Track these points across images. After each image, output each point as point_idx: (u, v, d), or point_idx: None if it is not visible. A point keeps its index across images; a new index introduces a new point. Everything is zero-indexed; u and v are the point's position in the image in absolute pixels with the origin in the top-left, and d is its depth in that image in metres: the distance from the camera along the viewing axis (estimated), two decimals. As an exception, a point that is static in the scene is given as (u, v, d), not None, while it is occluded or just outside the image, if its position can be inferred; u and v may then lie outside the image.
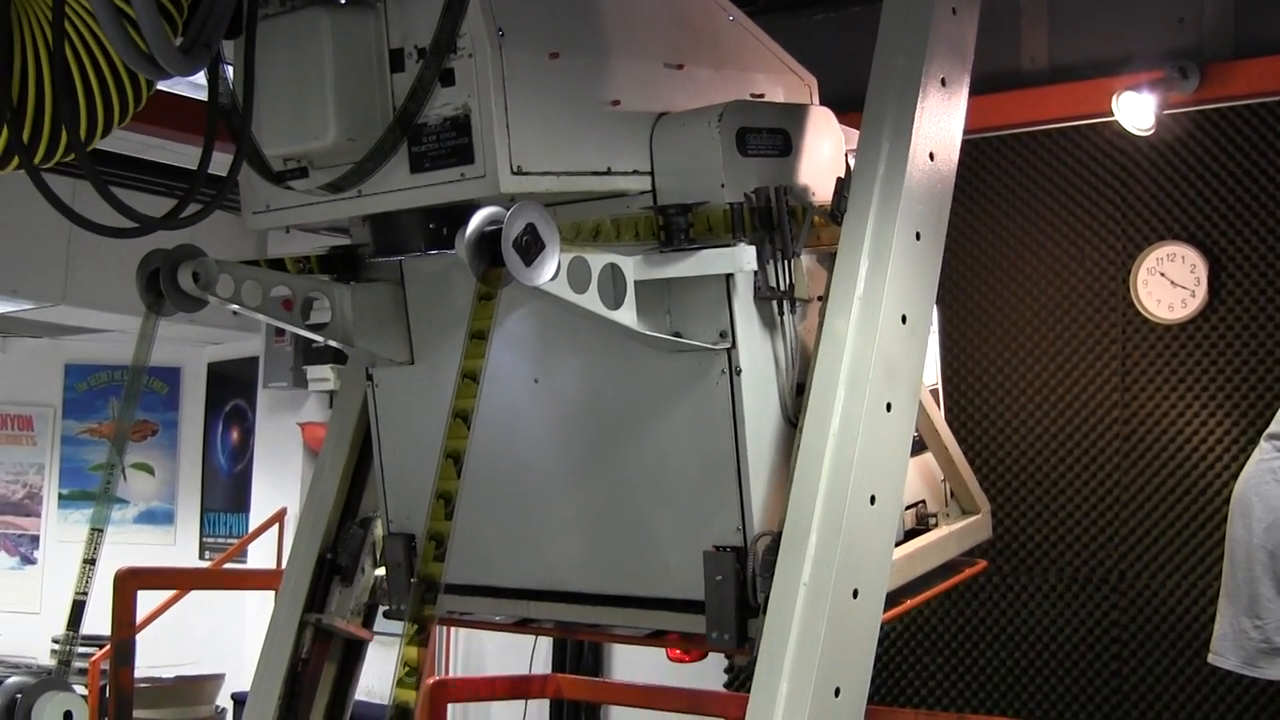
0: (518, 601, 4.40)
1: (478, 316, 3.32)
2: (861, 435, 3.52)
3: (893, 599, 3.94)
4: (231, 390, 14.28)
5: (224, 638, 12.73)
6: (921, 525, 4.63)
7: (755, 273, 3.77)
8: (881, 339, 3.59)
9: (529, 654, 9.33)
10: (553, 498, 4.24)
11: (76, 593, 3.96)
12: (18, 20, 3.39)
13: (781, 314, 3.86)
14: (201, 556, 14.48)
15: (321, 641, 4.81)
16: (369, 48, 3.64)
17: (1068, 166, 7.53)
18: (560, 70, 3.66)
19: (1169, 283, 7.15)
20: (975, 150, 7.57)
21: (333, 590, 4.81)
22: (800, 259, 3.88)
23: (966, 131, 4.02)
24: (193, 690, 12.41)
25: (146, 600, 8.71)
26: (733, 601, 3.75)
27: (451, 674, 10.82)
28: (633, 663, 9.31)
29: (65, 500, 15.24)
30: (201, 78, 3.48)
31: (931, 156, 3.80)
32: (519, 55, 3.53)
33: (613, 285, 3.62)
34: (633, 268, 3.68)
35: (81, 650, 6.15)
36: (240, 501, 13.81)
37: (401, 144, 3.62)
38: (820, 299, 3.84)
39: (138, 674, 7.92)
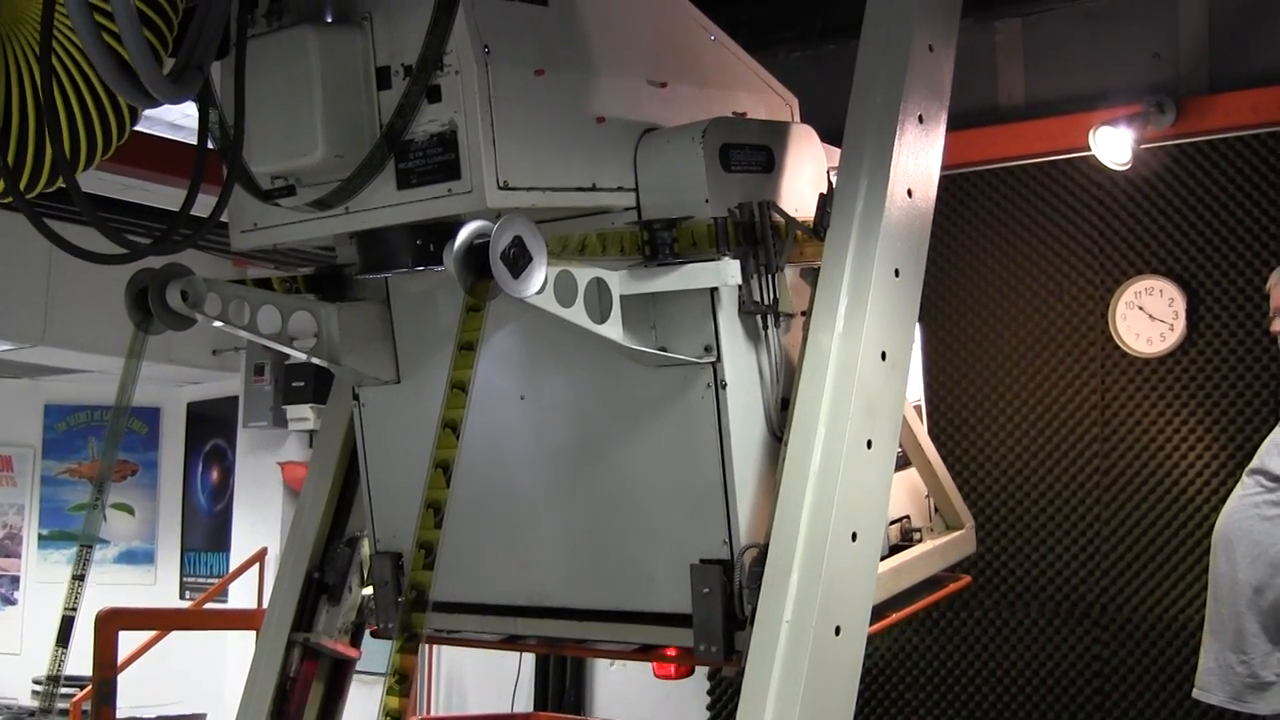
0: (505, 618, 4.41)
1: (466, 329, 3.33)
2: (842, 473, 3.52)
3: (878, 613, 3.96)
4: (211, 430, 14.23)
5: (205, 677, 12.65)
6: (906, 540, 4.66)
7: (739, 287, 3.80)
8: (861, 376, 3.60)
9: (510, 690, 9.31)
10: (539, 514, 4.26)
11: (66, 608, 4.03)
12: (4, 48, 3.40)
13: (766, 328, 3.89)
14: (182, 596, 14.41)
15: (309, 660, 4.83)
16: (356, 66, 3.66)
17: (1046, 201, 7.55)
18: (545, 87, 3.70)
19: (1147, 316, 7.17)
20: (953, 186, 7.58)
21: (320, 609, 4.84)
22: (784, 274, 3.92)
23: (944, 167, 4.04)
24: (174, 730, 12.35)
25: (128, 640, 8.67)
26: (720, 614, 3.76)
27: (433, 712, 10.77)
28: (616, 693, 9.30)
29: (45, 540, 15.16)
30: (178, 115, 3.49)
31: (910, 193, 3.82)
32: (504, 72, 3.57)
33: (599, 300, 3.64)
34: (618, 282, 3.70)
35: (63, 691, 6.12)
36: (220, 541, 13.75)
37: (389, 160, 3.64)
38: (804, 314, 3.88)
39: (119, 714, 7.87)
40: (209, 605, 12.37)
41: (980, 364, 7.62)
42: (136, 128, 3.62)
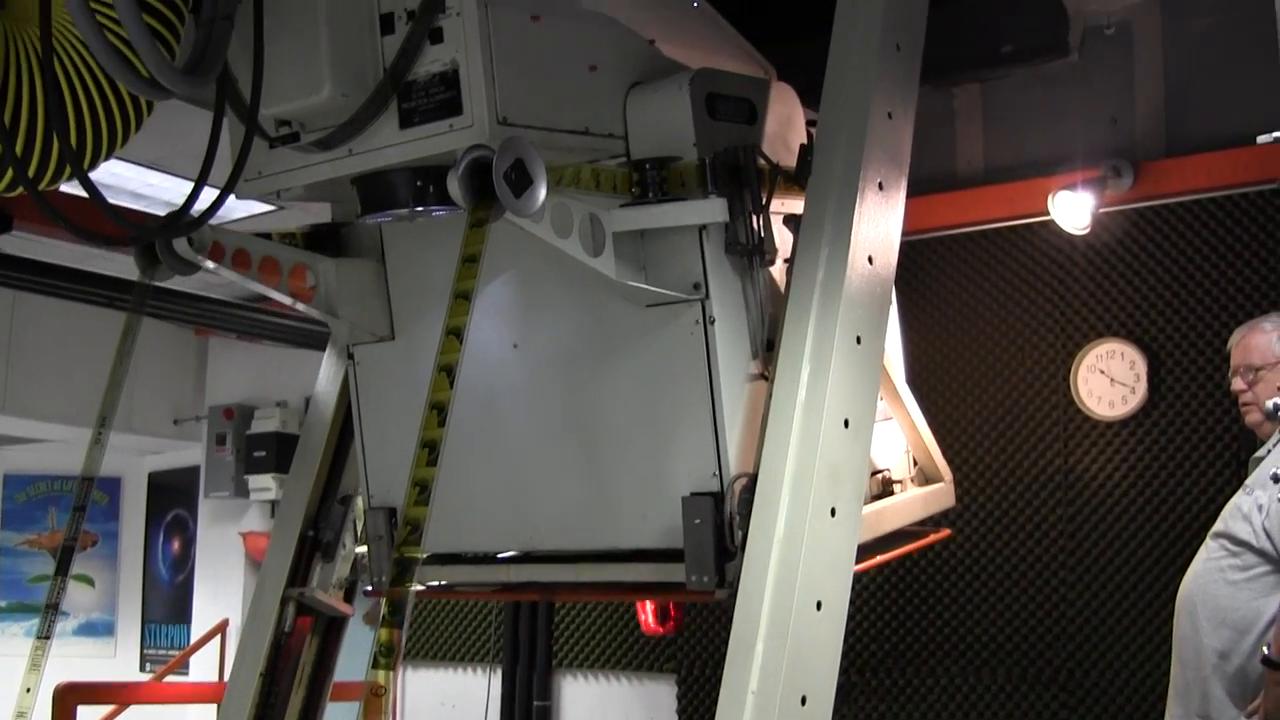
0: (498, 566, 4.57)
1: (466, 247, 3.43)
2: (806, 541, 3.53)
3: (862, 552, 4.04)
4: (173, 500, 14.12)
5: (166, 752, 12.52)
6: (886, 491, 4.88)
7: (726, 227, 3.96)
8: (824, 444, 3.62)
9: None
10: (533, 460, 4.38)
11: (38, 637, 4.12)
12: (12, 41, 3.43)
13: (752, 267, 4.04)
14: (143, 668, 14.25)
15: (304, 617, 4.96)
16: (361, 11, 3.79)
17: (1006, 266, 7.59)
18: (541, 32, 3.85)
19: (1109, 380, 7.20)
20: (914, 252, 7.60)
21: (314, 566, 4.98)
22: (769, 216, 4.05)
23: (905, 233, 4.08)
24: (135, 806, 12.20)
25: (87, 715, 8.57)
26: (711, 544, 3.87)
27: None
28: (580, 693, 9.31)
29: (4, 613, 15.01)
30: (140, 185, 3.51)
31: (870, 260, 3.86)
32: (503, 15, 3.71)
33: (592, 234, 3.81)
34: (610, 219, 3.86)
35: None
36: (182, 612, 13.62)
37: (392, 100, 3.76)
38: (786, 261, 4.02)
39: (78, 791, 7.79)
40: (170, 678, 12.24)
41: (943, 429, 7.59)
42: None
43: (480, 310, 3.51)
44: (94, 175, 3.65)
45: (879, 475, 4.89)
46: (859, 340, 3.79)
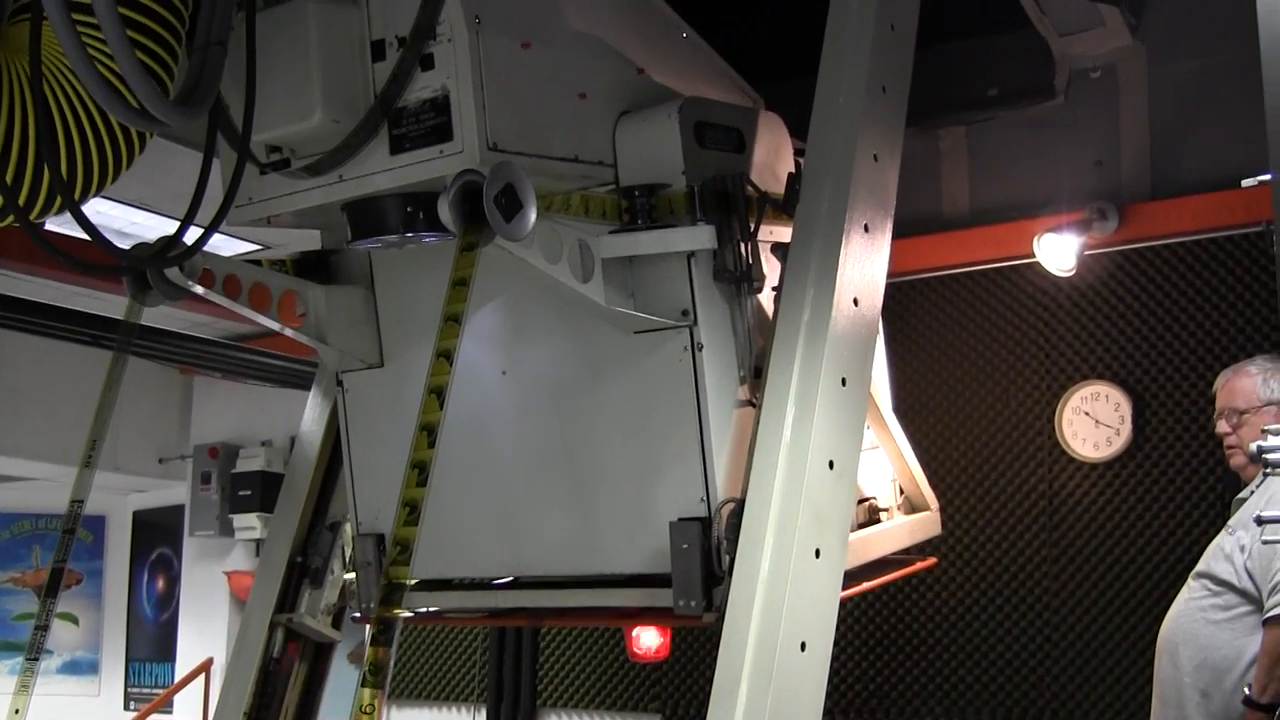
0: (487, 593, 4.58)
1: (458, 267, 3.44)
2: (791, 582, 3.52)
3: (849, 579, 4.03)
4: (157, 538, 14.08)
5: (149, 793, 12.47)
6: (873, 519, 4.90)
7: (714, 254, 3.99)
8: (809, 486, 3.62)
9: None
10: (521, 485, 4.39)
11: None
12: (6, 71, 3.45)
13: (740, 295, 4.07)
14: (127, 707, 14.20)
15: (293, 642, 4.99)
16: (352, 38, 3.82)
17: (991, 308, 7.61)
18: (532, 59, 3.86)
19: (1094, 422, 7.21)
20: (900, 294, 7.63)
21: (303, 592, 5.00)
22: (757, 244, 4.09)
23: (891, 274, 4.09)
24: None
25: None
26: (699, 568, 3.89)
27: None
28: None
29: (-12, 651, 14.96)
30: (125, 224, 3.52)
31: (856, 302, 3.87)
32: (494, 42, 3.73)
33: (581, 260, 3.84)
34: (599, 245, 3.90)
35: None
36: (166, 651, 13.57)
37: (382, 126, 3.77)
38: (774, 289, 4.03)
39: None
40: (154, 717, 12.20)
41: (928, 470, 7.59)
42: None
43: (469, 336, 3.53)
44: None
45: (866, 503, 4.92)
46: (844, 382, 3.80)
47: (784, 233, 4.11)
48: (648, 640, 7.82)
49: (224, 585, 12.21)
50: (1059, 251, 7.15)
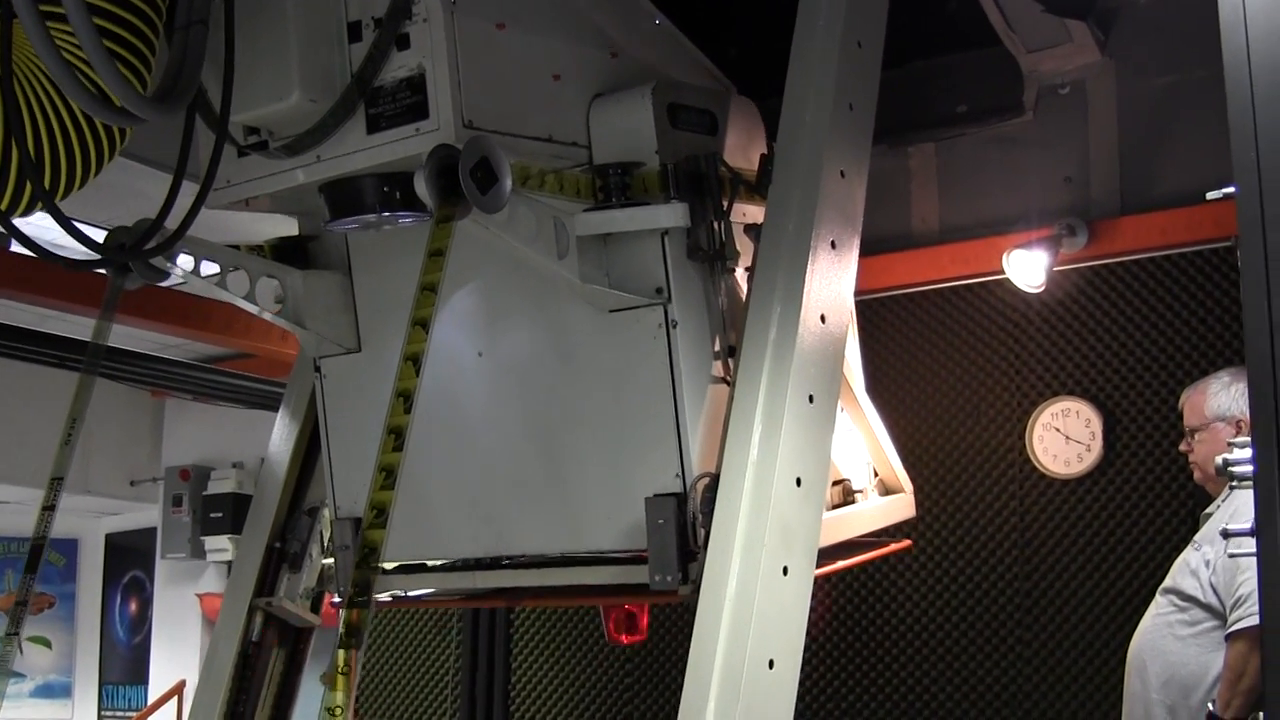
0: (464, 573, 4.60)
1: (433, 241, 3.49)
2: (758, 600, 3.50)
3: (823, 557, 4.06)
4: (130, 561, 14.07)
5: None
6: (847, 500, 4.95)
7: (688, 233, 4.05)
8: (776, 503, 3.60)
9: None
10: (498, 465, 4.43)
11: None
12: None
13: (714, 273, 4.12)
14: (100, 729, 14.20)
15: (272, 627, 5.01)
16: (329, 19, 3.87)
17: (961, 325, 7.62)
18: (507, 40, 3.93)
19: (1064, 438, 7.22)
20: (869, 310, 7.62)
21: (281, 576, 5.03)
22: (730, 224, 4.14)
23: (860, 292, 4.11)
24: None
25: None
26: (674, 543, 3.93)
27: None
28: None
29: (-43, 676, 14.87)
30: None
31: (823, 319, 3.86)
32: (469, 22, 3.79)
33: (556, 238, 3.89)
34: (575, 222, 3.96)
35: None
36: (139, 673, 13.56)
37: (359, 105, 3.82)
38: (747, 269, 4.08)
39: None
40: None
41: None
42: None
43: (445, 318, 3.63)
44: (43, 234, 3.66)
45: (840, 484, 4.95)
46: (811, 399, 3.78)
47: (756, 214, 4.15)
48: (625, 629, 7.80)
49: (196, 608, 12.21)
50: (1028, 268, 7.15)
